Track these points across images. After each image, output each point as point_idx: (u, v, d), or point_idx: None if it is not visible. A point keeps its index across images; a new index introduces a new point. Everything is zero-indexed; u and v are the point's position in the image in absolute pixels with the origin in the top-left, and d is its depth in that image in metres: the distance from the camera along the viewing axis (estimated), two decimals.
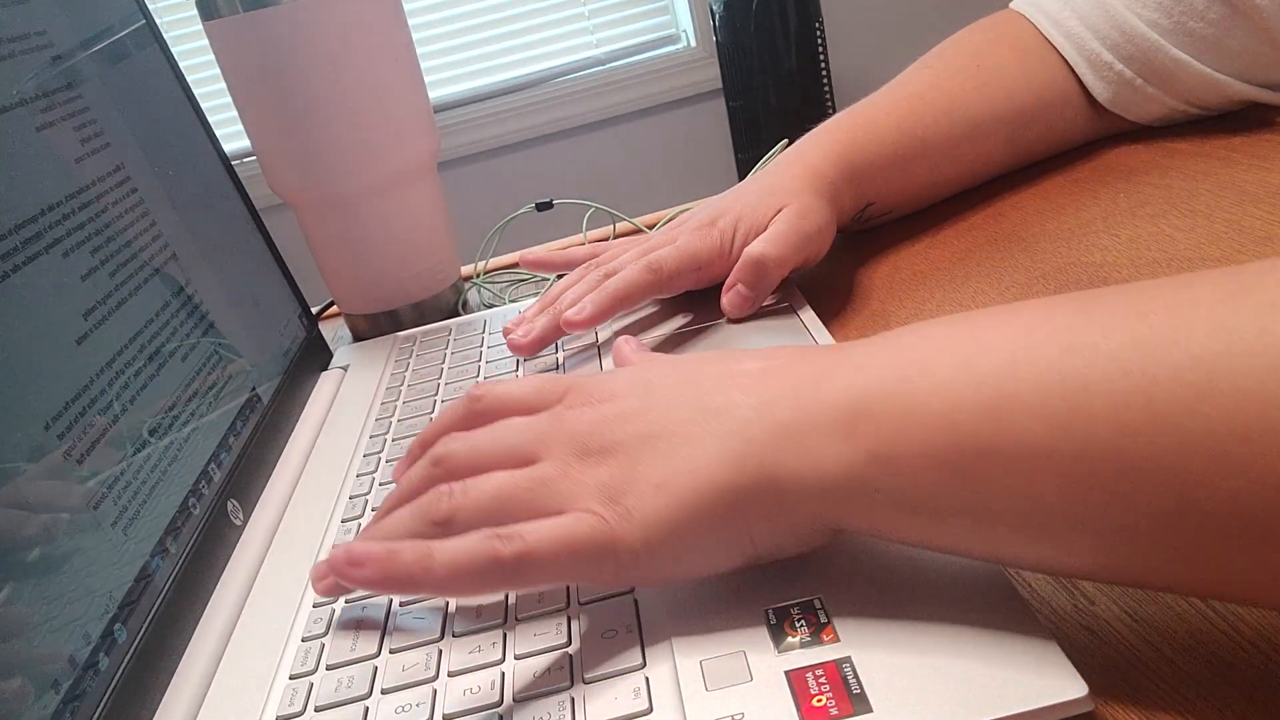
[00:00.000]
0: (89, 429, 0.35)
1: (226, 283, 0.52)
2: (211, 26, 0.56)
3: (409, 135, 0.60)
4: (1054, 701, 0.24)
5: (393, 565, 0.29)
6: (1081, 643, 0.28)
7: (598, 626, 0.31)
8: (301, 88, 0.56)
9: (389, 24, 0.58)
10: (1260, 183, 0.50)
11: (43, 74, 0.41)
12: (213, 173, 0.55)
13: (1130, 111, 0.60)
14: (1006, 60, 0.59)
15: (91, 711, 0.30)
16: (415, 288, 0.63)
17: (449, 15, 2.18)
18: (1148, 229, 0.49)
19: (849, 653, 0.27)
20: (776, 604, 0.30)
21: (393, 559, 0.29)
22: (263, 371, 0.52)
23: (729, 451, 0.29)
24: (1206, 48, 0.55)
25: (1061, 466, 0.24)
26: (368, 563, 0.29)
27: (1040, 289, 0.47)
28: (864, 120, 0.57)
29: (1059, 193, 0.57)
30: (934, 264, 0.53)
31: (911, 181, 0.58)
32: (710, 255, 0.50)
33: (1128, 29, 0.56)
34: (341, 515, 0.42)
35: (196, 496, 0.41)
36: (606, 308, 0.48)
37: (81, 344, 0.37)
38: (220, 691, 0.34)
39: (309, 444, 0.50)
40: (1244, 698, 0.25)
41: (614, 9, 2.25)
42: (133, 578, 0.35)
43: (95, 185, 0.42)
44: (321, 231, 0.61)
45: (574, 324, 0.48)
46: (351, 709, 0.31)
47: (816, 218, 0.51)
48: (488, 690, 0.30)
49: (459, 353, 0.56)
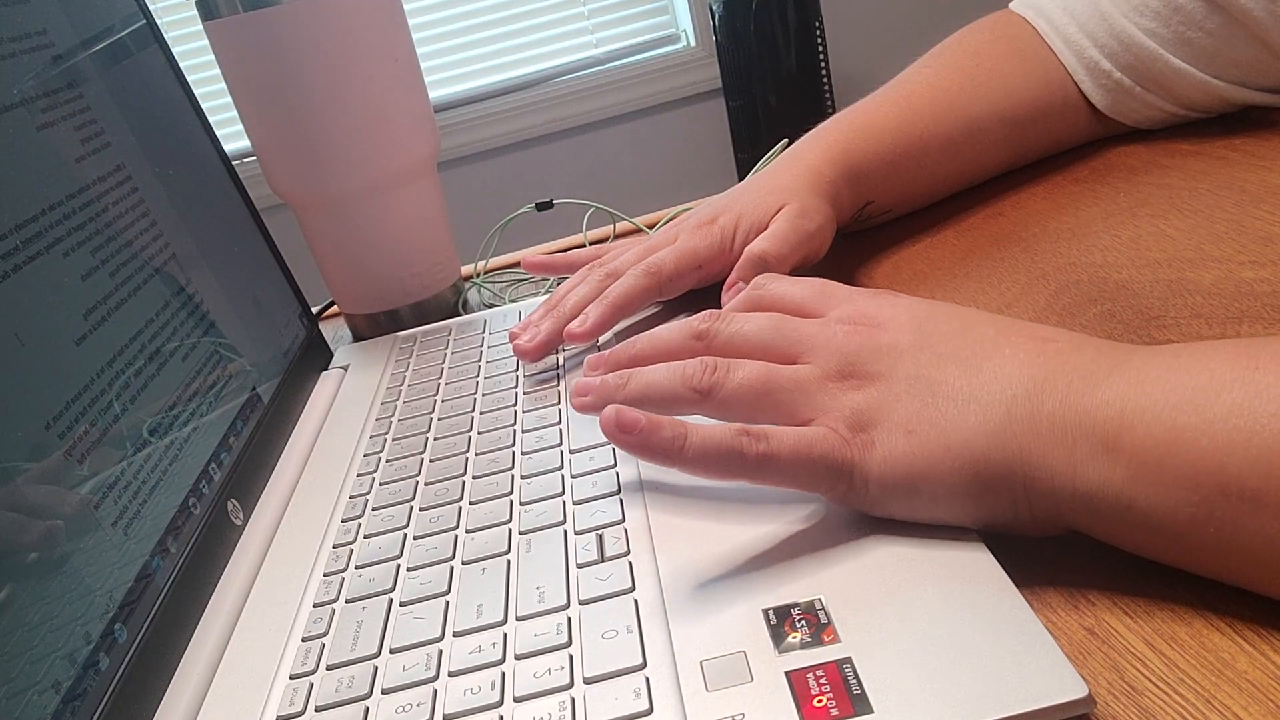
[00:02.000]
0: (89, 429, 0.35)
1: (226, 283, 0.52)
2: (211, 26, 0.56)
3: (409, 135, 0.60)
4: (1054, 702, 0.24)
5: (653, 437, 0.32)
6: (1081, 643, 0.28)
7: (598, 626, 0.31)
8: (301, 88, 0.56)
9: (389, 24, 0.58)
10: (1260, 182, 0.50)
11: (43, 74, 0.41)
12: (213, 173, 0.55)
13: (1128, 117, 0.60)
14: (1006, 61, 0.59)
15: (92, 711, 0.30)
16: (415, 288, 0.63)
17: (449, 15, 2.18)
18: (1148, 229, 0.49)
19: (849, 653, 0.27)
20: (777, 604, 0.30)
21: (655, 432, 0.32)
22: (263, 371, 0.52)
23: (989, 424, 0.29)
24: (1205, 57, 0.55)
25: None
26: (634, 430, 0.32)
27: (1040, 289, 0.47)
28: (863, 120, 0.57)
29: (1059, 192, 0.57)
30: (934, 264, 0.53)
31: (910, 181, 0.58)
32: (710, 253, 0.51)
33: (1126, 38, 0.56)
34: (342, 515, 0.42)
35: (197, 496, 0.41)
36: (608, 316, 0.49)
37: (81, 344, 0.37)
38: (220, 691, 0.34)
39: (309, 444, 0.50)
40: (1244, 697, 0.25)
41: (614, 9, 2.25)
42: (133, 577, 0.35)
43: (95, 185, 0.42)
44: (321, 231, 0.61)
45: (577, 336, 0.48)
46: (352, 709, 0.31)
47: (816, 216, 0.51)
48: (488, 690, 0.30)
49: (459, 353, 0.56)
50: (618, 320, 0.50)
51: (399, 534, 0.39)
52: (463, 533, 0.38)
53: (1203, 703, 0.25)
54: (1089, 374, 0.29)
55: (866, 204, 0.57)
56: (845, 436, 0.31)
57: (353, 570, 0.38)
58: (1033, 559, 0.31)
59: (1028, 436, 0.29)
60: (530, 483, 0.40)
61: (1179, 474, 0.26)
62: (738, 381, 0.34)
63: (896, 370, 0.32)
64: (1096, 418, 0.28)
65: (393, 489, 0.43)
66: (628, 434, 0.32)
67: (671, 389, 0.35)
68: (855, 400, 0.32)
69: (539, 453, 0.42)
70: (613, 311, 0.49)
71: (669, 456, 0.32)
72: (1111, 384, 0.28)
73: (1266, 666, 0.26)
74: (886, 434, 0.31)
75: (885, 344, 0.33)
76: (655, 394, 0.36)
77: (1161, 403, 0.27)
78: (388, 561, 0.38)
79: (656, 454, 0.32)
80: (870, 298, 0.36)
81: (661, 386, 0.36)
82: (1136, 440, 0.27)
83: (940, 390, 0.31)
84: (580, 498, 0.38)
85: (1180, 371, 0.27)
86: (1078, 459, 0.28)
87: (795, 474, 0.31)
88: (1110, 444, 0.27)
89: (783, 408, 0.33)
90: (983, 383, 0.30)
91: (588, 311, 0.49)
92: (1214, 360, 0.27)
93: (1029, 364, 0.30)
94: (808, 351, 0.34)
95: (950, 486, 0.30)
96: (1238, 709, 0.25)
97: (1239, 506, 0.25)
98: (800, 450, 0.31)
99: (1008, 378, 0.30)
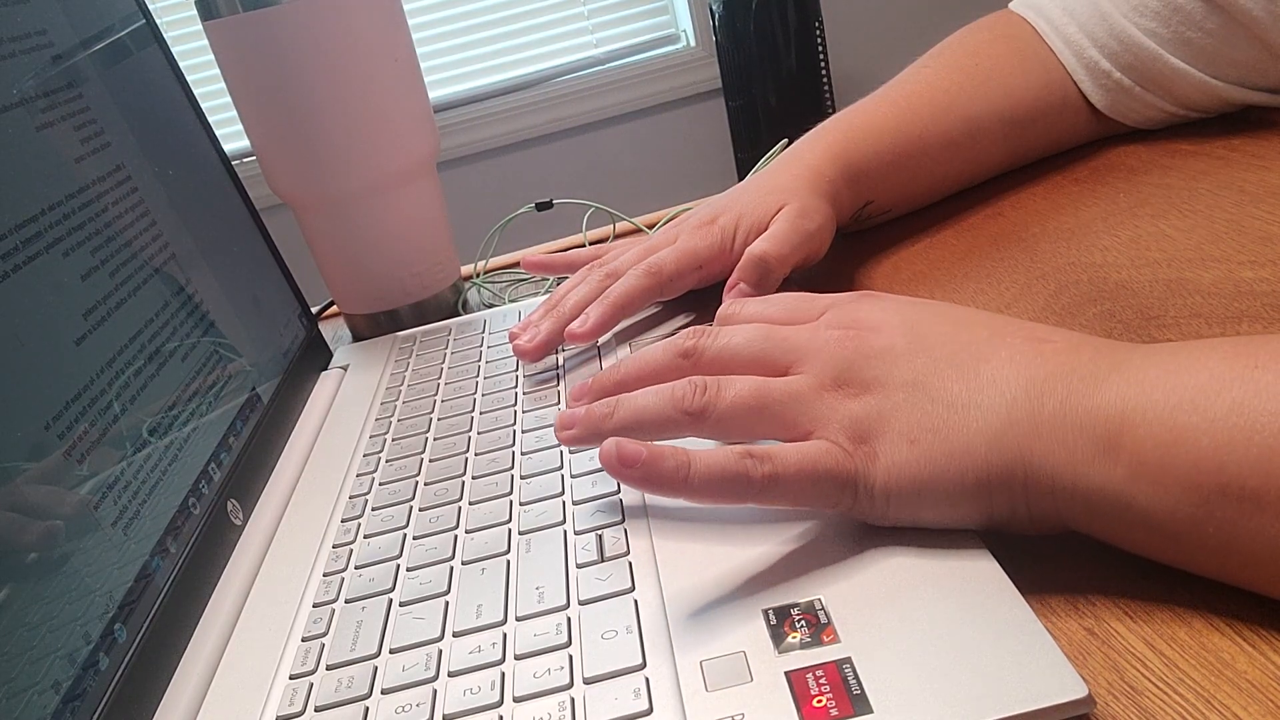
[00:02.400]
0: (89, 429, 0.35)
1: (226, 283, 0.52)
2: (211, 26, 0.56)
3: (409, 135, 0.60)
4: (1054, 702, 0.24)
5: (656, 469, 0.31)
6: (1081, 643, 0.28)
7: (597, 626, 0.31)
8: (301, 88, 0.56)
9: (389, 24, 0.58)
10: (1260, 182, 0.50)
11: (43, 74, 0.41)
12: (213, 173, 0.55)
13: (1128, 117, 0.60)
14: (1005, 60, 0.59)
15: (91, 711, 0.30)
16: (415, 287, 0.63)
17: (449, 15, 2.18)
18: (1148, 228, 0.49)
19: (849, 653, 0.27)
20: (776, 604, 0.30)
21: (657, 463, 0.31)
22: (263, 371, 0.52)
23: (990, 428, 0.29)
24: (1205, 57, 0.55)
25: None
26: (636, 463, 0.31)
27: (1040, 289, 0.47)
28: (862, 119, 0.57)
29: (1059, 192, 0.57)
30: (934, 264, 0.53)
31: (910, 180, 0.58)
32: (710, 253, 0.50)
33: (1126, 38, 0.56)
34: (341, 515, 0.42)
35: (196, 496, 0.41)
36: (609, 317, 0.49)
37: (81, 344, 0.37)
38: (220, 691, 0.34)
39: (309, 444, 0.50)
40: (1244, 697, 0.25)
41: (614, 9, 2.25)
42: (133, 577, 0.35)
43: (95, 185, 0.42)
44: (321, 231, 0.61)
45: (577, 336, 0.48)
46: (351, 709, 0.31)
47: (816, 216, 0.51)
48: (488, 690, 0.30)
49: (459, 353, 0.56)
50: (619, 320, 0.49)
51: (399, 534, 0.39)
52: (462, 533, 0.38)
53: (1203, 703, 0.25)
54: (1088, 374, 0.29)
55: (866, 203, 0.57)
56: (848, 449, 0.31)
57: (352, 570, 0.38)
58: (1033, 559, 0.31)
59: (1028, 438, 0.29)
60: (530, 483, 0.40)
61: (1179, 474, 0.26)
62: (730, 400, 0.33)
63: (893, 376, 0.32)
64: (1097, 418, 0.27)
65: (392, 489, 0.43)
66: (630, 467, 0.31)
67: (662, 413, 0.34)
68: (853, 410, 0.32)
69: (539, 453, 0.42)
70: (614, 311, 0.49)
71: (674, 487, 0.31)
72: (1111, 384, 0.28)
73: (1266, 666, 0.26)
74: (889, 444, 0.31)
75: (879, 349, 0.33)
76: (646, 420, 0.34)
77: (1162, 402, 0.27)
78: (387, 561, 0.38)
79: (661, 486, 0.31)
80: (856, 301, 0.36)
81: (652, 412, 0.34)
82: (1137, 440, 0.27)
83: (939, 396, 0.31)
84: (580, 498, 0.38)
85: (1180, 371, 0.27)
86: (1078, 460, 0.28)
87: (802, 492, 0.31)
88: (1111, 444, 0.27)
89: (779, 421, 0.33)
90: (980, 386, 0.30)
91: (588, 311, 0.49)
92: (1213, 359, 0.27)
93: (1027, 366, 0.30)
94: (800, 361, 0.34)
95: (954, 492, 0.30)
96: (1238, 709, 0.25)
97: (1239, 507, 0.25)
98: (805, 468, 0.31)
99: (1005, 381, 0.30)
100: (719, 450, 0.31)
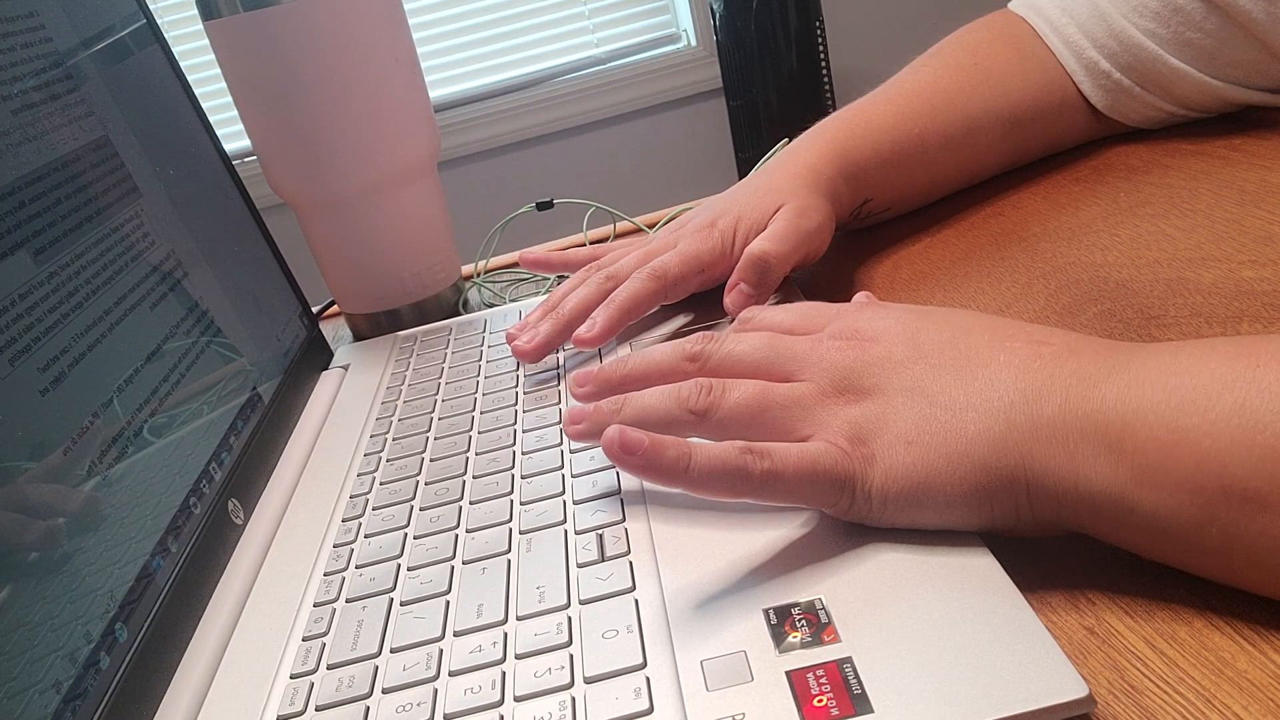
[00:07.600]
0: (90, 428, 0.35)
1: (227, 283, 0.52)
2: (211, 26, 0.56)
3: (409, 135, 0.60)
4: (1054, 702, 0.24)
5: (657, 458, 0.31)
6: (1081, 643, 0.28)
7: (598, 626, 0.31)
8: (302, 88, 0.56)
9: (389, 24, 0.58)
10: (1260, 182, 0.50)
11: (43, 73, 0.41)
12: (213, 173, 0.55)
13: (1128, 117, 0.60)
14: (1004, 60, 0.59)
15: (92, 711, 0.30)
16: (415, 287, 0.63)
17: (449, 15, 2.18)
18: (1148, 228, 0.49)
19: (850, 653, 0.27)
20: (777, 604, 0.30)
21: (659, 452, 0.31)
22: (263, 371, 0.52)
23: (989, 432, 0.29)
24: (1205, 58, 0.55)
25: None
26: (638, 451, 0.31)
27: (1040, 288, 0.47)
28: (861, 118, 0.57)
29: (1059, 192, 0.57)
30: (934, 264, 0.53)
31: (908, 179, 0.58)
32: (712, 257, 0.50)
33: (1125, 39, 0.56)
34: (342, 515, 0.42)
35: (197, 496, 0.41)
36: (616, 320, 0.49)
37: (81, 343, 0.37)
38: (221, 691, 0.34)
39: (309, 444, 0.50)
40: (1244, 697, 0.25)
41: (614, 8, 2.25)
42: (134, 577, 0.35)
43: (95, 185, 0.42)
44: (321, 231, 0.61)
45: (585, 341, 0.48)
46: (352, 709, 0.31)
47: (815, 215, 0.51)
48: (488, 690, 0.30)
49: (459, 352, 0.56)
50: (625, 324, 0.49)
51: (399, 533, 0.39)
52: (463, 532, 0.38)
53: (1203, 702, 0.25)
54: (1088, 376, 0.29)
55: (865, 202, 0.57)
56: (846, 450, 0.31)
57: (353, 570, 0.38)
58: (1033, 559, 0.31)
59: (1029, 442, 0.29)
60: (530, 482, 0.40)
61: (1182, 476, 0.26)
62: (734, 401, 0.34)
63: (892, 383, 0.32)
64: (1098, 421, 0.27)
65: (393, 488, 0.43)
66: (631, 455, 0.31)
67: (668, 411, 0.35)
68: (853, 414, 0.32)
69: (539, 452, 0.42)
70: (621, 315, 0.49)
71: (674, 477, 0.31)
72: (1111, 386, 0.28)
73: (1266, 666, 0.26)
74: (886, 446, 0.31)
75: (879, 357, 0.33)
76: (651, 418, 0.35)
77: (1163, 404, 0.26)
78: (388, 561, 0.38)
79: (661, 474, 0.32)
80: (859, 311, 0.36)
81: (658, 410, 0.35)
82: (1139, 442, 0.27)
83: (937, 400, 0.31)
84: (580, 497, 0.38)
85: (1180, 371, 0.27)
86: (1079, 462, 0.28)
87: (800, 490, 0.31)
88: (1112, 447, 0.27)
89: (780, 425, 0.33)
90: (979, 390, 0.30)
91: (595, 316, 0.49)
92: (1214, 359, 0.27)
93: (1025, 369, 0.30)
94: (802, 369, 0.34)
95: (953, 495, 0.30)
96: (1238, 708, 0.25)
97: (1242, 508, 0.25)
98: (804, 465, 0.31)
99: (1004, 385, 0.30)
100: (721, 444, 0.32)
